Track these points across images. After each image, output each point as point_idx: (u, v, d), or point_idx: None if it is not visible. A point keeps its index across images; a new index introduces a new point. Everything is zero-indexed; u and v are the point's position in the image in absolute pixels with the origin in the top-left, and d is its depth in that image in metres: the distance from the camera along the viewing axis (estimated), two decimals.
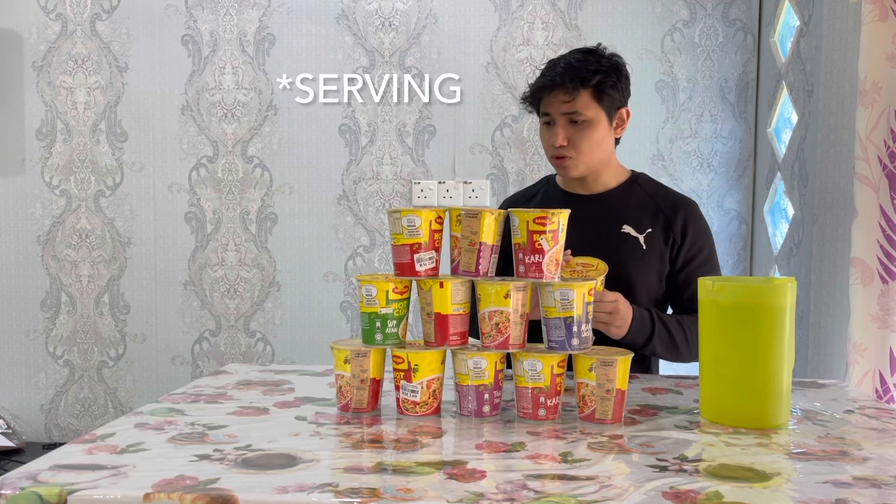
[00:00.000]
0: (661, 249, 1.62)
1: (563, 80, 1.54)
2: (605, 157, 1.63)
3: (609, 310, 1.44)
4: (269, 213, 2.83)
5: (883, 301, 1.61)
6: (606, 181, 1.67)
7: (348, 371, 1.26)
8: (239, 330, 2.86)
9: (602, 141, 1.59)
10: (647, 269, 1.59)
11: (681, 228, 1.62)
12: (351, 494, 0.89)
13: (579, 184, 1.67)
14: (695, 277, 1.62)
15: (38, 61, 2.85)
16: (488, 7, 2.73)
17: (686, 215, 1.64)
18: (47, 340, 2.92)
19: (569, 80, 1.54)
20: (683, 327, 1.56)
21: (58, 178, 2.87)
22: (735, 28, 2.67)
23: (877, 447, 1.10)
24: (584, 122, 1.56)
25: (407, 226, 1.26)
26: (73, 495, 0.88)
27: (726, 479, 0.96)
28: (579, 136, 1.57)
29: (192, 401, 1.34)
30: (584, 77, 1.54)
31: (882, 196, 1.61)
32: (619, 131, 1.63)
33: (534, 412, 1.22)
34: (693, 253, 1.63)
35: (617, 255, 1.56)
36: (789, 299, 1.20)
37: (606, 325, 1.45)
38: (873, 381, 1.63)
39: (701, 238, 1.65)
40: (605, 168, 1.65)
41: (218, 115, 2.82)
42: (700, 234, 1.65)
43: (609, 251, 1.56)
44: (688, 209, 1.66)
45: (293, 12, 2.78)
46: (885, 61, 1.60)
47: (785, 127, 2.43)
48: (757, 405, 1.21)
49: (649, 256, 1.61)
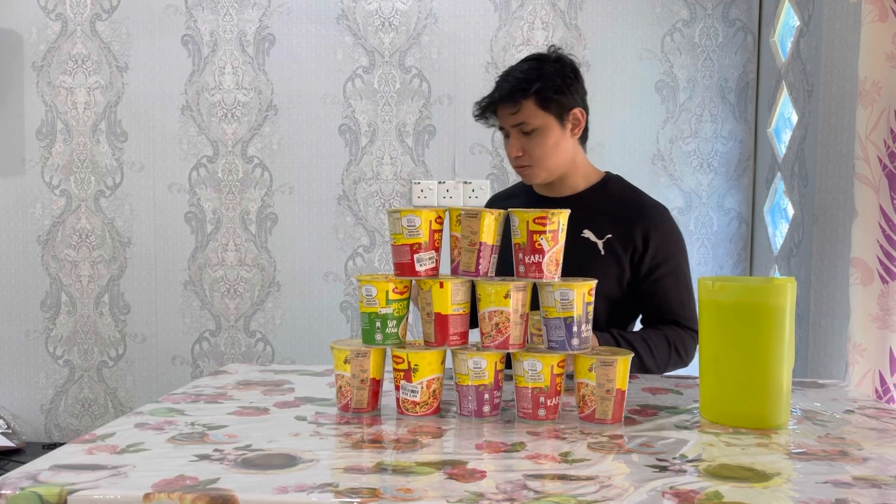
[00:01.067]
0: (620, 256, 1.60)
1: (504, 95, 1.57)
2: (566, 160, 1.63)
3: None
4: (269, 213, 2.83)
5: (883, 301, 1.61)
6: (574, 184, 1.67)
7: (348, 371, 1.26)
8: (239, 330, 2.86)
9: (557, 146, 1.60)
10: (605, 275, 1.55)
11: (642, 236, 1.60)
12: (351, 494, 0.89)
13: (548, 188, 1.68)
14: (660, 287, 1.62)
15: (38, 61, 2.86)
16: (488, 7, 2.73)
17: (650, 222, 1.61)
18: (47, 340, 2.92)
19: (509, 94, 1.57)
20: (648, 342, 1.55)
21: (58, 178, 2.88)
22: (735, 28, 2.67)
23: (877, 447, 1.11)
24: (535, 131, 1.58)
25: (407, 226, 1.26)
26: (73, 495, 0.88)
27: (726, 479, 0.96)
28: (532, 145, 1.58)
29: (192, 401, 1.34)
30: (524, 88, 1.56)
31: (882, 196, 1.61)
32: (576, 132, 1.63)
33: (534, 412, 1.22)
34: (657, 262, 1.60)
35: (575, 260, 1.50)
36: (789, 299, 1.20)
37: None
38: (873, 381, 1.63)
39: (666, 247, 1.62)
40: (571, 171, 1.65)
41: (218, 115, 2.82)
42: (666, 243, 1.62)
43: (567, 255, 1.53)
44: (653, 216, 1.63)
45: (293, 12, 2.78)
46: (885, 61, 1.60)
47: (785, 127, 2.43)
48: (757, 405, 1.21)
49: (607, 262, 1.59)
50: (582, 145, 1.68)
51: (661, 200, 1.72)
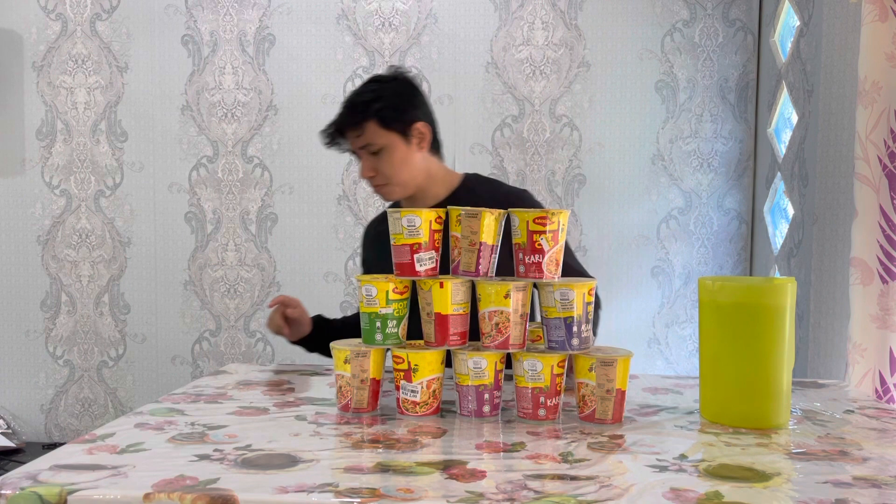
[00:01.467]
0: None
1: (346, 119, 1.62)
2: (419, 173, 1.66)
3: None
4: (269, 213, 2.83)
5: (883, 301, 1.61)
6: (435, 193, 1.70)
7: (348, 371, 1.26)
8: (239, 330, 2.86)
9: (405, 161, 1.63)
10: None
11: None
12: (351, 494, 0.89)
13: (410, 202, 1.71)
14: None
15: (38, 61, 2.85)
16: (488, 7, 2.73)
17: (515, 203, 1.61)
18: (47, 340, 2.92)
19: (349, 117, 1.61)
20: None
21: (58, 178, 2.87)
22: (735, 28, 2.67)
23: (877, 447, 1.11)
24: (381, 150, 1.62)
25: (407, 226, 1.27)
26: (73, 495, 0.88)
27: (726, 479, 0.96)
28: (381, 164, 1.62)
29: (192, 401, 1.34)
30: (363, 110, 1.60)
31: (882, 196, 1.61)
32: (423, 145, 1.66)
33: (534, 412, 1.22)
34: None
35: None
36: (789, 299, 1.20)
37: None
38: (873, 382, 1.63)
39: None
40: (428, 182, 1.69)
41: (218, 115, 2.82)
42: None
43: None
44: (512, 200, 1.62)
45: (293, 12, 2.78)
46: (885, 61, 1.60)
47: (785, 127, 2.43)
48: (757, 405, 1.21)
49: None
50: (436, 154, 1.72)
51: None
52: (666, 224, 2.72)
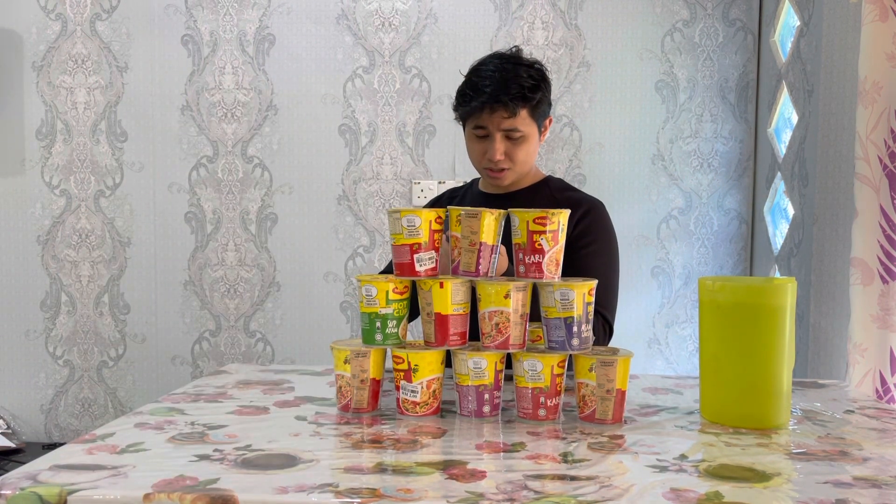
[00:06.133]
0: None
1: (506, 100, 1.53)
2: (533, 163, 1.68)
3: None
4: (269, 213, 2.83)
5: (883, 301, 1.61)
6: (522, 184, 1.70)
7: (348, 371, 1.26)
8: (239, 330, 2.85)
9: (534, 151, 1.65)
10: None
11: (576, 221, 1.63)
12: (351, 494, 0.89)
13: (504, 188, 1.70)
14: (581, 257, 1.61)
15: (38, 61, 2.85)
16: (488, 7, 2.73)
17: (585, 211, 1.65)
18: (47, 340, 2.92)
19: (510, 100, 1.53)
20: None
21: (58, 178, 2.87)
22: (735, 28, 2.67)
23: (877, 447, 1.10)
24: (521, 137, 1.59)
25: (407, 226, 1.26)
26: (73, 495, 0.88)
27: (726, 479, 0.96)
28: (516, 150, 1.60)
29: (192, 401, 1.34)
30: (526, 96, 1.55)
31: (882, 196, 1.61)
32: (542, 138, 1.67)
33: (534, 412, 1.22)
34: (582, 244, 1.61)
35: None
36: (789, 299, 1.20)
37: None
38: (873, 382, 1.63)
39: (594, 232, 1.64)
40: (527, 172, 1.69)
41: (218, 115, 2.82)
42: (594, 229, 1.64)
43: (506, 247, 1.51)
44: (589, 207, 1.66)
45: (293, 12, 2.78)
46: (886, 61, 1.60)
47: (785, 127, 2.43)
48: (757, 405, 1.21)
49: None
50: None
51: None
52: (666, 224, 2.72)
